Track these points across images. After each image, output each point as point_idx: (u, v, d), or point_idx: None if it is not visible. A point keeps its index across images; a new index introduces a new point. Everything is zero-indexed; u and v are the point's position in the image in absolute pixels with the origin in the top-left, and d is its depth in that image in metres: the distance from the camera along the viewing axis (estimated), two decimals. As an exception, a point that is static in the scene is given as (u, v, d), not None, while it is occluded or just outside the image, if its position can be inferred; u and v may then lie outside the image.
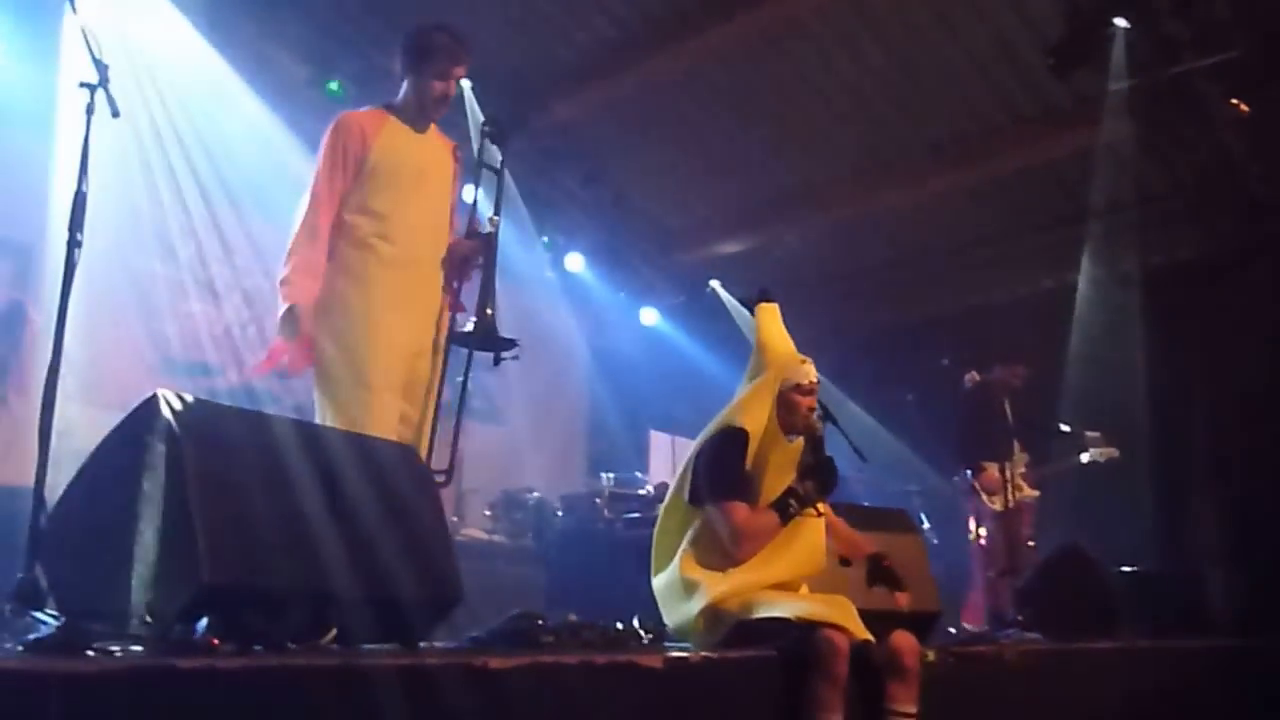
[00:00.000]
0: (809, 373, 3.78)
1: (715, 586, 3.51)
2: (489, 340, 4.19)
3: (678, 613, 3.63)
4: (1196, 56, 7.33)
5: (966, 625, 6.77)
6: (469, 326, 4.17)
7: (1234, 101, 7.47)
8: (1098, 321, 9.08)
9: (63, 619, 2.56)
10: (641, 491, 7.84)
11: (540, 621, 3.42)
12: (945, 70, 8.43)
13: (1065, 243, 9.32)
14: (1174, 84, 7.66)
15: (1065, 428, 7.48)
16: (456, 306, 4.28)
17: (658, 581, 3.78)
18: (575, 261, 10.42)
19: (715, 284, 10.74)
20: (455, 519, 7.40)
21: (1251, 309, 7.91)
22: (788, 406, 3.72)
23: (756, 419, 3.69)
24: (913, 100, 8.83)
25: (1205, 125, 8.15)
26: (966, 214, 10.11)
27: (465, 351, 4.33)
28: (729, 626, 3.46)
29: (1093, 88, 7.81)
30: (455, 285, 4.28)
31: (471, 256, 4.29)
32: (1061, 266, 9.61)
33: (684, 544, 3.68)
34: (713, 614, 3.50)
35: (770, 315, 3.94)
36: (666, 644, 3.69)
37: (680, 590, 3.62)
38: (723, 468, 3.64)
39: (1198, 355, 8.77)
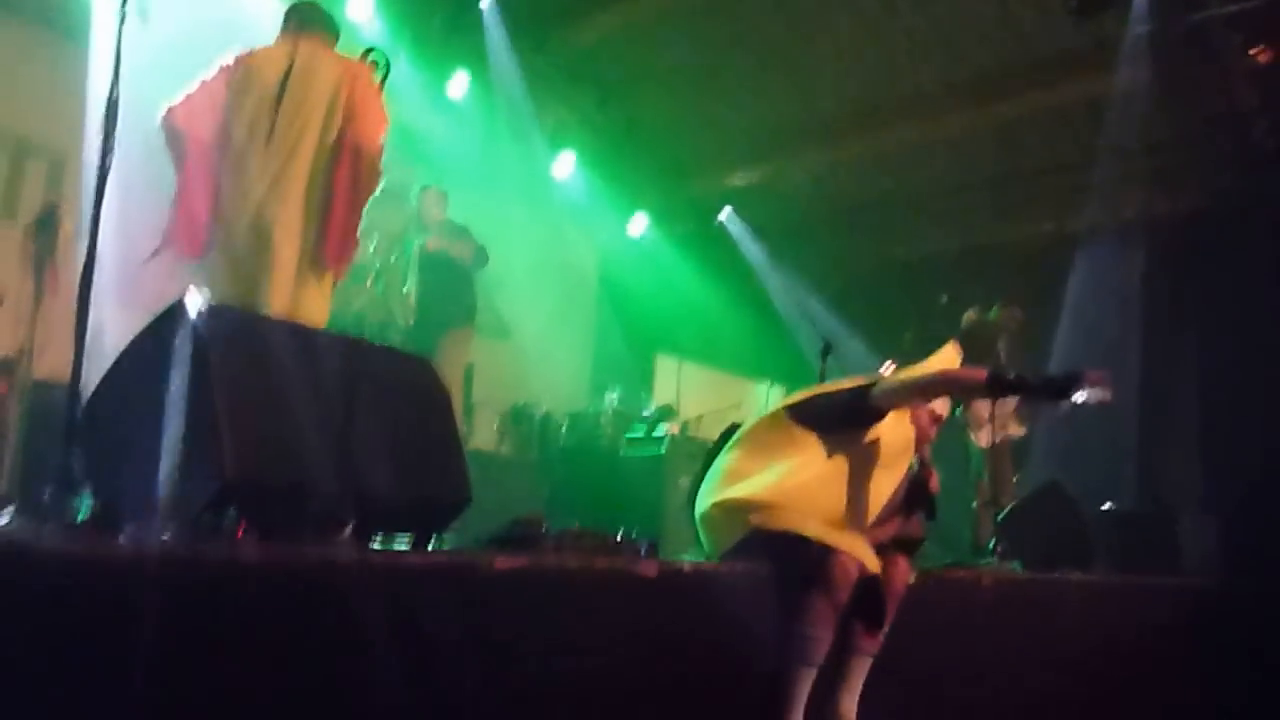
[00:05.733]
0: (944, 405, 3.89)
1: (758, 492, 3.54)
2: None
3: (706, 501, 3.66)
4: (1220, 3, 7.28)
5: None
6: None
7: (1253, 51, 7.44)
8: (1097, 266, 9.15)
9: (97, 504, 2.70)
10: (645, 412, 7.99)
11: (543, 528, 3.59)
12: (965, 8, 8.40)
13: (1069, 188, 9.35)
14: (1194, 31, 7.61)
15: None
16: None
17: (722, 463, 3.76)
18: (565, 165, 10.33)
19: (725, 214, 10.80)
20: (464, 430, 7.56)
21: (1251, 261, 7.96)
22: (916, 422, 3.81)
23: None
24: (929, 37, 8.78)
25: (1220, 75, 8.12)
26: (974, 154, 10.11)
27: None
28: (746, 529, 3.52)
29: (1111, 32, 7.77)
30: None
31: None
32: (1064, 211, 9.65)
33: (779, 465, 3.63)
34: (735, 509, 3.55)
35: (950, 358, 3.96)
36: (662, 556, 3.83)
37: (725, 482, 3.65)
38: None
39: (1194, 304, 8.85)
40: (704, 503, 3.68)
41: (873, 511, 3.71)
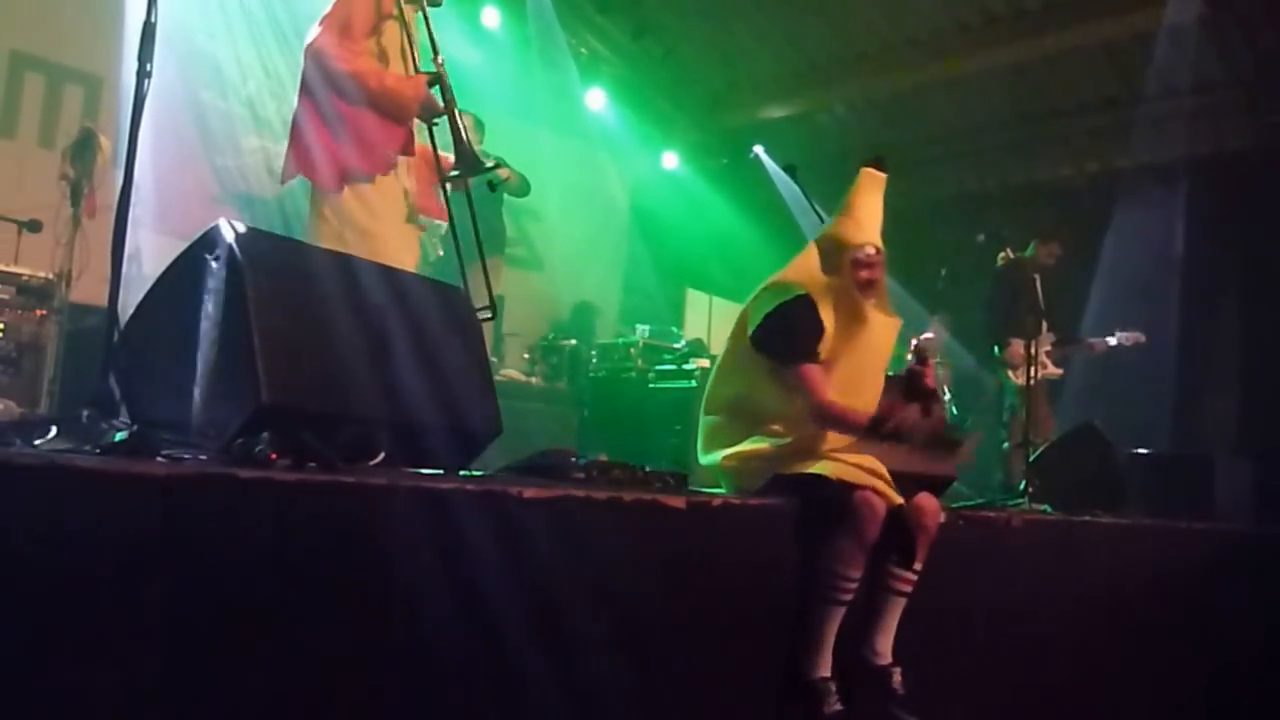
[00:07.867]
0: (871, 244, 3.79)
1: (759, 441, 3.58)
2: (473, 168, 4.42)
3: (711, 456, 3.70)
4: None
5: None
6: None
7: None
8: (1139, 206, 9.02)
9: (134, 426, 2.73)
10: (676, 346, 7.99)
11: (572, 459, 3.59)
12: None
13: (1113, 126, 9.20)
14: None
15: (1092, 341, 7.48)
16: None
17: (707, 422, 3.81)
18: (598, 97, 10.26)
19: (759, 149, 10.70)
20: (494, 360, 7.57)
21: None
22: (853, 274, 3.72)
23: (815, 278, 3.69)
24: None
25: (1272, 12, 7.95)
26: (1016, 90, 9.92)
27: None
28: (764, 477, 3.55)
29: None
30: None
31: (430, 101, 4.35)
32: (1107, 150, 9.50)
33: (742, 391, 3.69)
34: (746, 460, 3.58)
35: (872, 182, 3.96)
36: (691, 488, 3.84)
37: (724, 434, 3.68)
38: (803, 331, 3.59)
39: (1235, 248, 8.73)
40: (713, 455, 3.69)
41: (871, 402, 3.65)
